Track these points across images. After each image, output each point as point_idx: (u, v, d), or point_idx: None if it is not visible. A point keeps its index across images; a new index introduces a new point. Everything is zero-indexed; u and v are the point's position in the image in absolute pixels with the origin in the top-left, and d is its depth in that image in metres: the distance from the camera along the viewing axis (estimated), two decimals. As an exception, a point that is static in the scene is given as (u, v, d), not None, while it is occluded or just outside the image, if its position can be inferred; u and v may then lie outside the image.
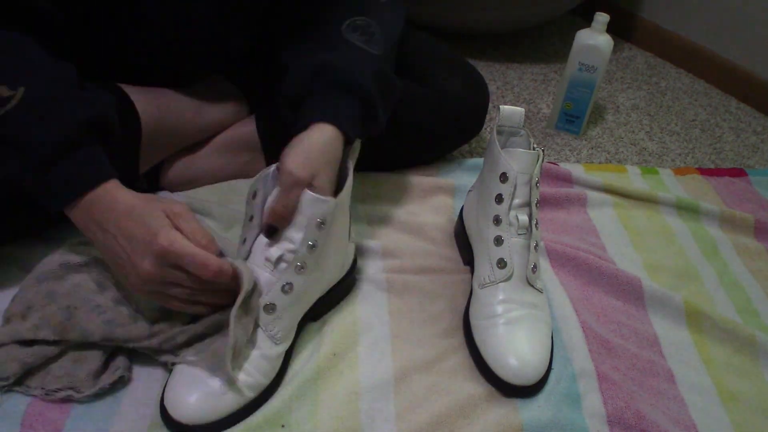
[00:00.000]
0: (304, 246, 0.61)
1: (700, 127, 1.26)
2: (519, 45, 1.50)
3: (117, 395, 0.62)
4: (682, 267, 0.86)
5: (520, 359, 0.65)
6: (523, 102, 1.28)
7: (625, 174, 1.05)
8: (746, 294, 0.83)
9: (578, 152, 1.14)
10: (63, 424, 0.59)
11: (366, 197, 0.90)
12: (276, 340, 0.62)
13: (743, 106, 1.35)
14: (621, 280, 0.79)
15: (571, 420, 0.63)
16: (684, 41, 1.45)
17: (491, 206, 0.71)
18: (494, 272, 0.70)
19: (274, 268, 0.62)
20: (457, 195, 0.93)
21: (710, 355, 0.74)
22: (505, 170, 0.70)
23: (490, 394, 0.66)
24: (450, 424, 0.62)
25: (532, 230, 0.70)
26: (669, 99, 1.35)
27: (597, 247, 0.87)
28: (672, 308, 0.77)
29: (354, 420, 0.62)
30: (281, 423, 0.61)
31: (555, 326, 0.73)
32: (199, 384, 0.59)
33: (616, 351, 0.72)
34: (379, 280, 0.77)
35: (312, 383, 0.64)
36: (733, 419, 0.67)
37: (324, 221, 0.61)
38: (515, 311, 0.68)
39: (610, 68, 1.44)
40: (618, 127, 1.22)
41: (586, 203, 0.94)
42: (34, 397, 0.60)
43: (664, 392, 0.69)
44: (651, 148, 1.17)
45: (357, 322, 0.72)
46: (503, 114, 0.74)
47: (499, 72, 1.38)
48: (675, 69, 1.47)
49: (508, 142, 0.76)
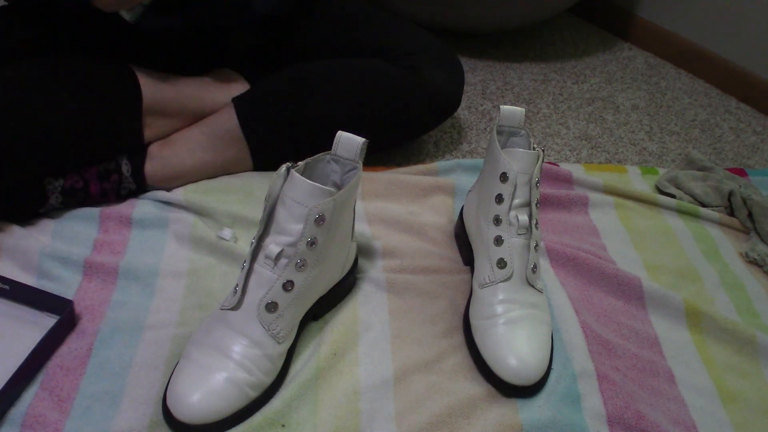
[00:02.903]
0: (303, 242, 0.61)
1: (700, 127, 1.26)
2: (519, 45, 1.50)
3: (117, 395, 0.62)
4: (682, 267, 0.86)
5: (520, 359, 0.65)
6: (523, 102, 1.28)
7: (625, 174, 1.05)
8: (746, 294, 0.83)
9: (578, 152, 1.14)
10: (63, 425, 0.59)
11: (366, 197, 0.90)
12: (278, 339, 0.63)
13: (743, 106, 1.35)
14: (621, 281, 0.79)
15: (571, 420, 0.63)
16: (684, 41, 1.45)
17: (491, 206, 0.71)
18: (494, 272, 0.70)
19: (274, 266, 0.62)
20: (457, 195, 0.93)
21: (710, 355, 0.74)
22: (505, 170, 0.70)
23: (490, 394, 0.66)
24: (450, 424, 0.62)
25: (532, 230, 0.70)
26: (669, 99, 1.35)
27: (597, 247, 0.87)
28: (672, 308, 0.78)
29: (354, 420, 0.62)
30: (281, 423, 0.61)
31: (555, 326, 0.73)
32: (202, 383, 0.59)
33: (616, 351, 0.72)
34: (380, 280, 0.77)
35: (312, 383, 0.64)
36: (733, 419, 0.67)
37: (322, 217, 0.61)
38: (515, 311, 0.68)
39: (610, 68, 1.44)
40: (618, 127, 1.22)
41: (587, 203, 0.94)
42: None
43: (664, 392, 0.69)
44: (651, 148, 1.17)
45: (357, 321, 0.72)
46: (503, 114, 0.74)
47: (499, 72, 1.38)
48: (675, 69, 1.47)
49: (508, 142, 0.76)
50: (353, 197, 0.67)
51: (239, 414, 0.60)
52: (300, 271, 0.63)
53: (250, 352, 0.61)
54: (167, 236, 0.80)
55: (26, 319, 0.69)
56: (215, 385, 0.59)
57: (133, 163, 0.83)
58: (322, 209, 0.61)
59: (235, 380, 0.59)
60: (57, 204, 0.80)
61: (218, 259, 0.78)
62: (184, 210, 0.83)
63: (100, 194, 0.82)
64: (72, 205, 0.82)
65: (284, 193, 0.61)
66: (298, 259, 0.62)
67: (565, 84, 1.35)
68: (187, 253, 0.78)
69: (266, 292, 0.62)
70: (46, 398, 0.61)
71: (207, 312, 0.72)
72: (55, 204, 0.80)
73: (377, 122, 0.91)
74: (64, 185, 0.80)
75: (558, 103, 1.28)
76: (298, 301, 0.64)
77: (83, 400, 0.62)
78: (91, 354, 0.66)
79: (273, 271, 0.62)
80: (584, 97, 1.31)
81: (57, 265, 0.74)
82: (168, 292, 0.73)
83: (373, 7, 1.01)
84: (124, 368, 0.65)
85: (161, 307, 0.72)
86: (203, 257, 0.78)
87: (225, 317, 0.63)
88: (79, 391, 0.62)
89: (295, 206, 0.60)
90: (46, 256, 0.74)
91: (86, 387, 0.63)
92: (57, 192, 0.79)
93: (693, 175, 1.01)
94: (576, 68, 1.42)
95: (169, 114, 0.86)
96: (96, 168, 0.82)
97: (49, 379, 0.63)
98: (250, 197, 0.87)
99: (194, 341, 0.63)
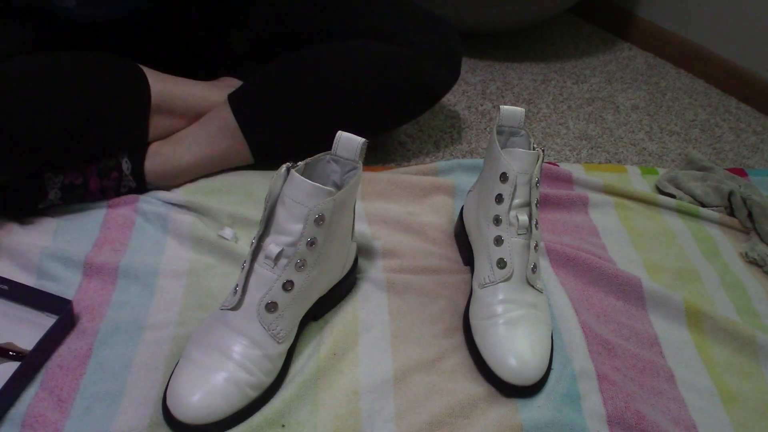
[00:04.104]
0: (303, 242, 0.61)
1: (699, 127, 1.26)
2: (519, 45, 1.50)
3: (117, 395, 0.62)
4: (682, 267, 0.86)
5: (520, 359, 0.65)
6: (523, 102, 1.28)
7: (625, 174, 1.05)
8: (746, 294, 0.83)
9: (578, 152, 1.14)
10: (63, 425, 0.59)
11: (366, 197, 0.90)
12: (278, 339, 0.62)
13: (743, 106, 1.35)
14: (621, 281, 0.79)
15: (571, 420, 0.63)
16: (684, 41, 1.45)
17: (491, 206, 0.71)
18: (494, 272, 0.70)
19: (274, 265, 0.62)
20: (457, 195, 0.93)
21: (710, 355, 0.74)
22: (505, 170, 0.70)
23: (490, 394, 0.66)
24: (450, 424, 0.62)
25: (532, 230, 0.70)
26: (669, 99, 1.35)
27: (597, 247, 0.87)
28: (672, 308, 0.77)
29: (354, 420, 0.62)
30: (281, 423, 0.61)
31: (555, 326, 0.73)
32: (202, 383, 0.59)
33: (616, 351, 0.72)
34: (379, 280, 0.77)
35: (312, 383, 0.64)
36: (733, 419, 0.67)
37: (322, 217, 0.61)
38: (515, 311, 0.68)
39: (610, 68, 1.44)
40: (618, 127, 1.22)
41: (587, 203, 0.94)
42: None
43: (664, 392, 0.69)
44: (651, 148, 1.17)
45: (357, 321, 0.72)
46: (503, 114, 0.74)
47: (499, 72, 1.38)
48: (675, 69, 1.47)
49: (508, 142, 0.76)
50: (353, 197, 0.67)
51: (239, 414, 0.60)
52: (300, 271, 0.63)
53: (250, 352, 0.61)
54: (167, 236, 0.80)
55: (26, 319, 0.69)
56: (215, 385, 0.59)
57: (134, 161, 0.83)
58: (322, 209, 0.61)
59: (235, 380, 0.59)
60: (56, 200, 0.80)
61: (218, 259, 0.78)
62: (185, 210, 0.83)
63: (99, 191, 0.82)
64: (71, 202, 0.82)
65: (284, 193, 0.61)
66: (298, 259, 0.62)
67: (565, 84, 1.35)
68: (187, 253, 0.78)
69: (266, 292, 0.62)
70: (46, 398, 0.61)
71: (207, 312, 0.72)
72: (54, 200, 0.80)
73: (373, 103, 0.90)
74: (63, 181, 0.80)
75: (558, 103, 1.28)
76: (298, 301, 0.64)
77: (83, 400, 0.62)
78: (91, 354, 0.66)
79: (273, 271, 0.62)
80: (584, 97, 1.31)
81: (57, 265, 0.74)
82: (168, 292, 0.73)
83: None
84: (124, 368, 0.65)
85: (161, 307, 0.72)
86: (203, 257, 0.78)
87: (225, 317, 0.63)
88: (79, 391, 0.62)
89: (295, 206, 0.60)
90: (46, 255, 0.74)
91: (86, 387, 0.63)
92: (56, 188, 0.79)
93: (693, 175, 1.01)
94: (576, 68, 1.42)
95: (174, 113, 0.86)
96: (96, 165, 0.82)
97: (49, 379, 0.63)
98: (250, 197, 0.87)
99: (194, 341, 0.63)
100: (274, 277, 0.62)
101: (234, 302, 0.62)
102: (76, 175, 0.80)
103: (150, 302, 0.72)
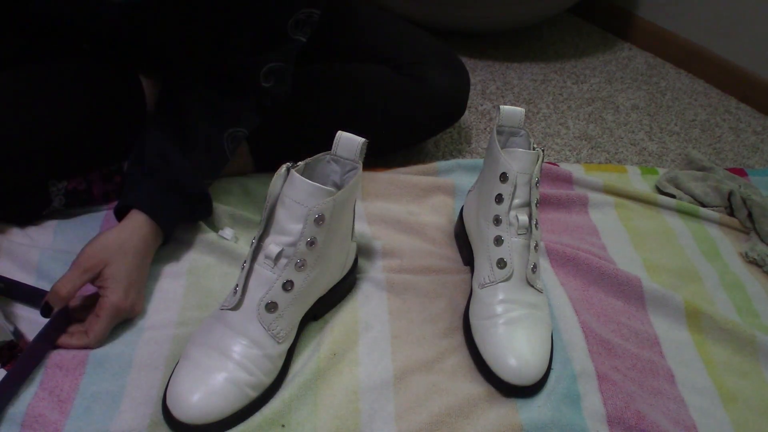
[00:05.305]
0: (302, 242, 0.61)
1: (699, 127, 1.26)
2: (519, 45, 1.50)
3: (117, 395, 0.62)
4: (682, 267, 0.86)
5: (520, 359, 0.65)
6: (523, 102, 1.28)
7: (625, 174, 1.05)
8: (746, 294, 0.83)
9: (578, 152, 1.14)
10: (63, 425, 0.59)
11: (366, 197, 0.90)
12: (278, 339, 0.62)
13: (743, 106, 1.35)
14: (621, 281, 0.79)
15: (570, 420, 0.63)
16: (683, 41, 1.45)
17: (491, 206, 0.71)
18: (494, 272, 0.70)
19: (274, 265, 0.62)
20: (457, 195, 0.93)
21: (710, 355, 0.74)
22: (505, 170, 0.70)
23: (490, 394, 0.66)
24: (450, 424, 0.62)
25: (532, 230, 0.70)
26: (669, 99, 1.35)
27: (597, 247, 0.87)
28: (672, 308, 0.77)
29: (354, 420, 0.62)
30: (281, 423, 0.61)
31: (555, 326, 0.73)
32: (202, 383, 0.59)
33: (616, 351, 0.72)
34: (379, 280, 0.77)
35: (312, 383, 0.64)
36: (733, 419, 0.67)
37: (322, 217, 0.61)
38: (515, 311, 0.68)
39: (610, 68, 1.44)
40: (618, 127, 1.22)
41: (587, 204, 0.94)
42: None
43: (664, 392, 0.69)
44: (651, 148, 1.17)
45: (357, 321, 0.72)
46: (503, 114, 0.74)
47: (499, 72, 1.38)
48: (675, 69, 1.47)
49: (508, 142, 0.76)
50: (353, 197, 0.67)
51: (239, 414, 0.60)
52: (300, 271, 0.63)
53: (250, 352, 0.61)
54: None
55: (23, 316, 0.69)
56: (215, 385, 0.59)
57: None
58: (321, 209, 0.61)
59: (235, 380, 0.59)
60: (60, 206, 0.80)
61: (218, 259, 0.78)
62: (184, 210, 0.83)
63: (103, 196, 0.82)
64: (75, 207, 0.82)
65: (284, 193, 0.61)
66: (298, 259, 0.62)
67: (565, 84, 1.35)
68: (187, 253, 0.78)
69: (266, 292, 0.62)
70: (46, 398, 0.61)
71: (207, 312, 0.72)
72: (59, 206, 0.80)
73: (378, 128, 0.91)
74: (67, 187, 0.80)
75: (558, 103, 1.28)
76: (298, 301, 0.64)
77: (83, 400, 0.62)
78: (90, 354, 0.66)
79: (273, 271, 0.62)
80: (584, 97, 1.31)
81: (57, 265, 0.74)
82: (168, 292, 0.73)
83: (379, 12, 1.01)
84: (124, 368, 0.65)
85: (161, 307, 0.72)
86: (203, 257, 0.78)
87: (225, 317, 0.63)
88: (79, 391, 0.62)
89: (295, 206, 0.60)
90: (46, 255, 0.74)
91: (86, 387, 0.63)
92: (61, 194, 0.79)
93: (693, 175, 1.01)
94: (576, 68, 1.42)
95: None
96: (99, 170, 0.82)
97: (48, 379, 0.63)
98: (250, 197, 0.87)
99: (194, 341, 0.63)
100: (274, 277, 0.62)
101: (234, 302, 0.62)
102: (80, 181, 0.81)
103: (150, 302, 0.72)
